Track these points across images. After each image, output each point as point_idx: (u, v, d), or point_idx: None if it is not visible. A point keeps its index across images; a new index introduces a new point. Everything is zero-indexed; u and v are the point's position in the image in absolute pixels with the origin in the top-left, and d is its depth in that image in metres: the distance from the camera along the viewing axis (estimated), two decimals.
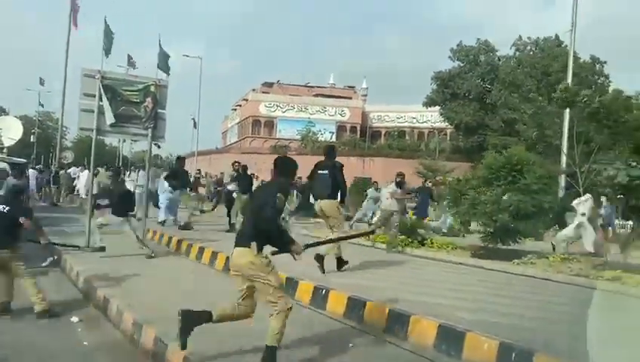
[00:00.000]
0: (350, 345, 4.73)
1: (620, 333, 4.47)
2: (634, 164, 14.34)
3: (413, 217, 13.97)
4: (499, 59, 45.22)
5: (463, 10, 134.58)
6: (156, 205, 14.39)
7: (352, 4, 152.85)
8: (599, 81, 38.91)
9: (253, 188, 18.81)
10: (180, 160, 14.10)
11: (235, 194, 13.07)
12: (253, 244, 3.99)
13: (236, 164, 13.87)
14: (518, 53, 43.53)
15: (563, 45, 36.99)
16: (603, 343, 3.97)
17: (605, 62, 39.98)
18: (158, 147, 18.60)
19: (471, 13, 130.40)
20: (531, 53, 42.72)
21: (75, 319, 5.60)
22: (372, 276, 7.59)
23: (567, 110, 19.02)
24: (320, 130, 58.40)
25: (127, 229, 9.12)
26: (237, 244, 4.10)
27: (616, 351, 3.82)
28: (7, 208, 5.78)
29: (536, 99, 21.34)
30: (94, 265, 7.75)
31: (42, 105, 49.78)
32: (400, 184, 11.00)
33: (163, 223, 12.94)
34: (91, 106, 9.65)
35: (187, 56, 40.59)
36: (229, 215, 13.20)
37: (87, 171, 18.89)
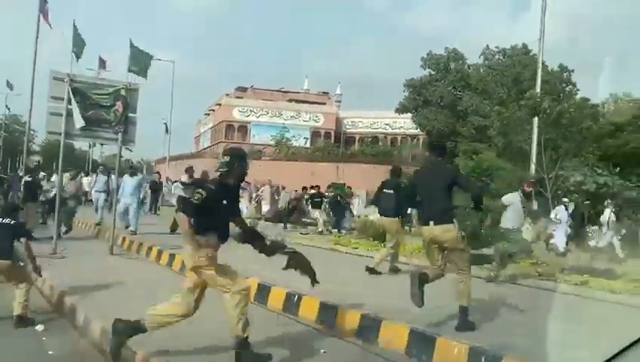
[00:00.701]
0: (322, 350, 4.72)
1: (583, 335, 4.57)
2: (599, 171, 14.76)
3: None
4: (469, 68, 45.92)
5: (434, 21, 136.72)
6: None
7: (328, 9, 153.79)
8: (567, 88, 39.87)
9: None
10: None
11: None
12: (455, 222, 4.92)
13: (190, 169, 13.98)
14: (486, 61, 44.30)
15: (531, 54, 37.79)
16: (567, 345, 4.05)
17: (573, 71, 41.04)
18: (130, 151, 18.22)
19: (442, 23, 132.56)
20: (500, 61, 43.52)
21: (39, 327, 5.44)
22: (343, 281, 7.59)
23: (536, 118, 19.43)
24: (294, 136, 58.40)
25: None
26: (437, 222, 4.89)
27: (578, 352, 3.90)
28: (12, 222, 5.80)
29: (502, 112, 21.89)
30: (60, 272, 7.56)
31: (9, 109, 48.55)
32: (528, 195, 8.53)
33: (134, 232, 12.52)
34: (60, 109, 9.44)
35: (160, 60, 39.99)
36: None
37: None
